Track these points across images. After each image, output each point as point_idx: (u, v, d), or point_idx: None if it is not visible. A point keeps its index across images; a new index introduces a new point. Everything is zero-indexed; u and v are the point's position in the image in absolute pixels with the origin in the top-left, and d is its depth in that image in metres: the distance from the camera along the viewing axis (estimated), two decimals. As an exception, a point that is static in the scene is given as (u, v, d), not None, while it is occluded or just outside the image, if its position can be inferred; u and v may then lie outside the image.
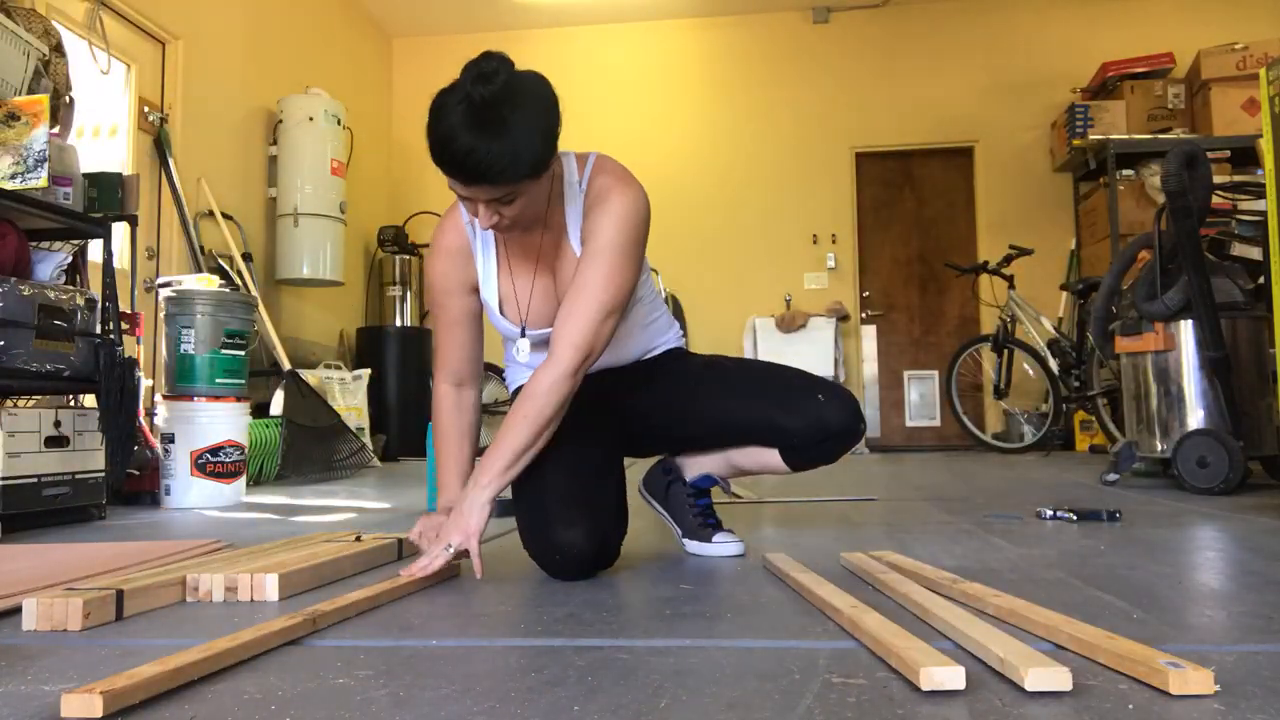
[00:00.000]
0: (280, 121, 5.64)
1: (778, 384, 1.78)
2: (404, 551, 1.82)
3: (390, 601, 1.38)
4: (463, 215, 1.66)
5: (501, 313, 1.69)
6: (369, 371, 5.59)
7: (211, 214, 4.96)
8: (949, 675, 0.88)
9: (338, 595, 1.31)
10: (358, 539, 1.82)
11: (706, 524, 1.85)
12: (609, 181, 1.59)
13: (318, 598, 1.41)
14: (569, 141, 1.60)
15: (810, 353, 6.46)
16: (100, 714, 0.83)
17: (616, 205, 1.55)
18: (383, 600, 1.37)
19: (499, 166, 1.38)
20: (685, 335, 2.00)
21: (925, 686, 0.88)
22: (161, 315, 3.33)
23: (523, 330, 1.69)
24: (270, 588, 1.40)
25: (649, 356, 1.83)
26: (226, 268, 4.93)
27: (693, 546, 1.84)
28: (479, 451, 1.74)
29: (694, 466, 1.88)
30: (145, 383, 4.01)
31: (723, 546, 1.81)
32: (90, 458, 2.77)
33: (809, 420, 1.68)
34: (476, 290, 1.69)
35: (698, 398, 1.79)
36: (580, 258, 1.57)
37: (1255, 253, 3.80)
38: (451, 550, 1.49)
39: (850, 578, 1.52)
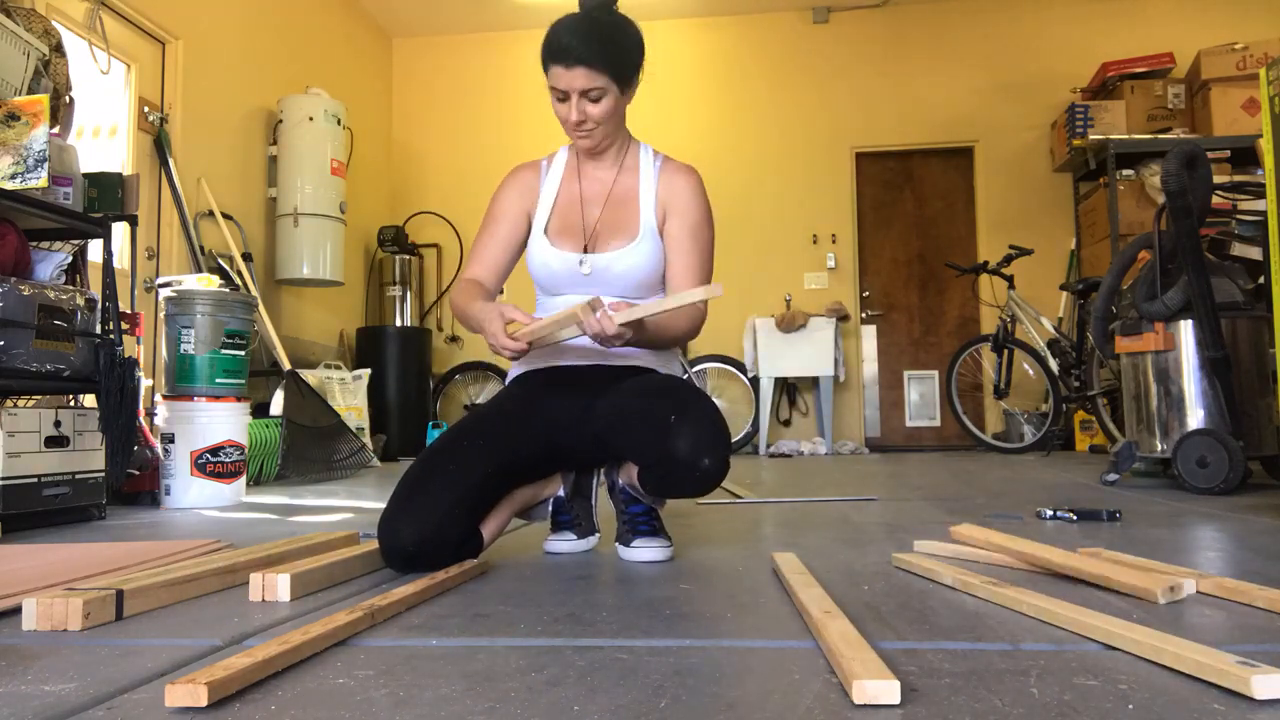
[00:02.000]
0: (280, 121, 5.64)
1: (660, 399, 1.66)
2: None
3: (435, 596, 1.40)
4: (542, 163, 1.94)
5: (551, 241, 1.86)
6: (369, 371, 5.59)
7: (211, 214, 4.96)
8: (883, 689, 0.85)
9: (385, 592, 1.31)
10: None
11: (635, 530, 1.79)
12: (681, 166, 1.91)
13: (330, 596, 1.41)
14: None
15: (810, 353, 6.46)
16: (205, 703, 0.86)
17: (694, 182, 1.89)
18: (430, 594, 1.41)
19: (597, 55, 1.72)
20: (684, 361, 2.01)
21: (858, 700, 0.85)
22: (161, 315, 3.34)
23: (585, 249, 1.84)
24: (282, 588, 1.40)
25: (624, 364, 1.82)
26: (226, 268, 4.93)
27: (620, 551, 1.79)
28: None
29: (622, 474, 1.85)
30: (145, 383, 4.01)
31: (637, 552, 1.75)
32: (90, 458, 2.77)
33: (658, 436, 1.57)
34: (528, 224, 1.90)
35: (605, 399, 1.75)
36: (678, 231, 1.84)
37: (1255, 253, 3.81)
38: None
39: (858, 580, 1.52)
